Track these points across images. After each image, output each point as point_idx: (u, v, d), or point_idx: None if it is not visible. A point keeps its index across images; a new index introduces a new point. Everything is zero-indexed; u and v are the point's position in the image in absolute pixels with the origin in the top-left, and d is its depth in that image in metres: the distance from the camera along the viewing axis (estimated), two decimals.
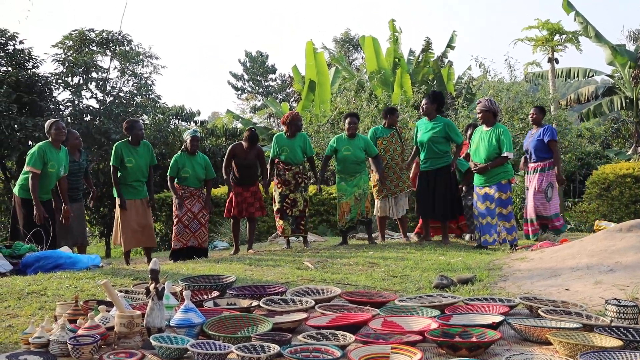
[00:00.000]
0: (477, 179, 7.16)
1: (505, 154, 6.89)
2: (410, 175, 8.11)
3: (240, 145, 7.63)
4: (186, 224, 7.33)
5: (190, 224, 7.34)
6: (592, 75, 19.42)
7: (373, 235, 8.20)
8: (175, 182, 7.42)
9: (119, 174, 7.20)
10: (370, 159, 7.92)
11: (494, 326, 3.28)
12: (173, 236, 7.40)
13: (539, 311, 3.57)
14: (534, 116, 7.93)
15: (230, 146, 7.75)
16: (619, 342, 2.92)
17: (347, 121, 7.84)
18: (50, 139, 6.82)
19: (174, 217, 7.45)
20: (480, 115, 7.14)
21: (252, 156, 7.59)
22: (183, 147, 7.54)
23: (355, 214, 7.70)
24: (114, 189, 7.21)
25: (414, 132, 7.91)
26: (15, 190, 6.90)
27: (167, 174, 7.48)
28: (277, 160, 7.72)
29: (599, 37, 16.26)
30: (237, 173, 7.58)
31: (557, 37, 16.08)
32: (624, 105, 18.30)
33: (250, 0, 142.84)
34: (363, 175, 7.72)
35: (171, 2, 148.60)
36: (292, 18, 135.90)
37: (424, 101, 7.77)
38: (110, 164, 7.24)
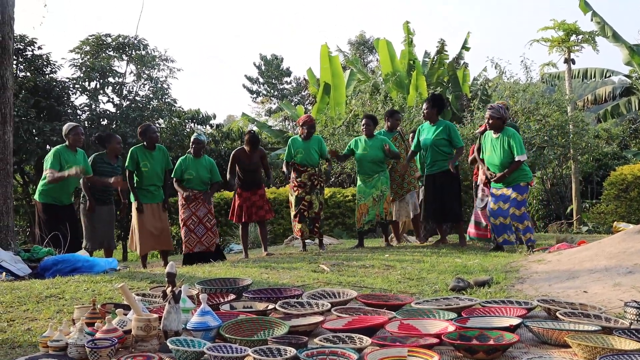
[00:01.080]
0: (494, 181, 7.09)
1: (518, 158, 6.80)
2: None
3: (243, 149, 7.61)
4: (192, 228, 7.35)
5: (196, 229, 7.35)
6: (609, 76, 19.19)
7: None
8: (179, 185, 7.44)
9: (135, 178, 7.24)
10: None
11: (511, 329, 3.25)
12: (183, 241, 7.45)
13: (557, 314, 3.54)
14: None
15: (233, 151, 7.74)
16: (639, 345, 2.88)
17: (362, 122, 7.87)
18: (67, 143, 6.87)
19: (180, 220, 7.48)
20: (491, 122, 7.00)
21: (255, 159, 7.58)
22: (189, 149, 7.60)
23: (374, 215, 7.68)
24: (131, 193, 7.26)
25: (415, 135, 7.84)
26: (36, 195, 6.98)
27: (171, 175, 7.49)
28: (292, 162, 7.74)
29: (616, 37, 16.07)
30: (242, 178, 7.56)
31: (573, 37, 15.92)
32: None
33: (265, 3, 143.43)
34: (382, 177, 7.68)
35: (186, 6, 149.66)
36: (307, 21, 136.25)
37: (424, 106, 7.73)
38: (126, 167, 7.26)
